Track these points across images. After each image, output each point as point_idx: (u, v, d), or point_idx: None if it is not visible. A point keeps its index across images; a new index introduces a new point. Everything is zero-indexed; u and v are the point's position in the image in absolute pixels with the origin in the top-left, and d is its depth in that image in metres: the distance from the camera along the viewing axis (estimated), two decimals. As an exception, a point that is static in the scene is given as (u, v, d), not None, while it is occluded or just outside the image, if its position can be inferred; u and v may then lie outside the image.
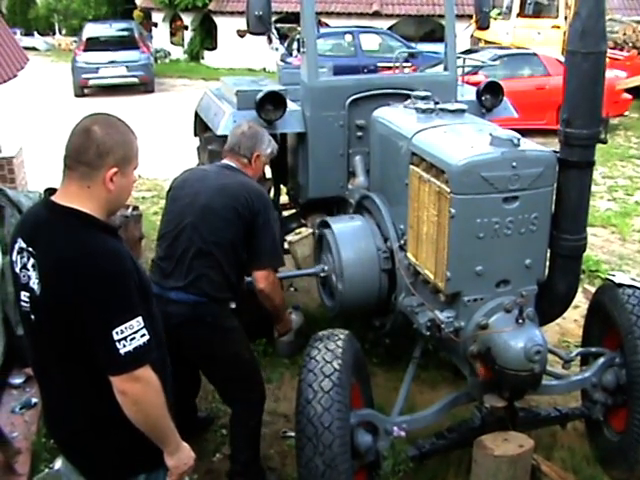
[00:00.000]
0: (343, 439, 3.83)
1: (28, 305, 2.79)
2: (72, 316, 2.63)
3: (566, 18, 19.37)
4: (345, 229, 5.40)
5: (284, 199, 7.24)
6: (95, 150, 2.69)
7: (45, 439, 4.85)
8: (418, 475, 4.61)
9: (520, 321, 4.09)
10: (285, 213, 7.03)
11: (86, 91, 21.87)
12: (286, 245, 6.49)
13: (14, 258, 2.82)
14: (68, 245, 2.67)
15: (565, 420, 4.89)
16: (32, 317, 2.79)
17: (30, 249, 2.74)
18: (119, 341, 2.60)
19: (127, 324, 2.62)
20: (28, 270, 2.74)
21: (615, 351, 4.75)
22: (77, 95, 21.57)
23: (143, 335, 2.66)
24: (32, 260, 2.73)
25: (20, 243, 2.79)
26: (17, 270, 2.80)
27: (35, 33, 35.86)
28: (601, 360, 4.78)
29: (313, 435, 3.81)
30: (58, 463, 4.54)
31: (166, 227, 4.42)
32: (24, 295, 2.79)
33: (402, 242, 4.99)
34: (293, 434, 4.24)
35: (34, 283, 2.72)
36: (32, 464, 4.65)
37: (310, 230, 6.31)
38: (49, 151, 13.04)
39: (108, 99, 20.47)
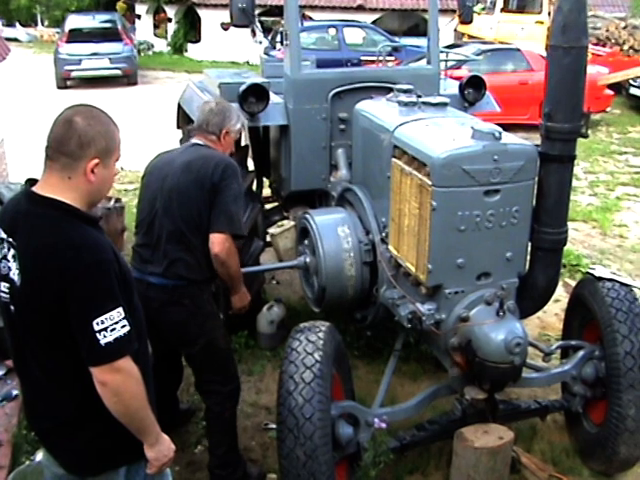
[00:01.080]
0: (324, 430, 3.83)
1: (8, 296, 2.77)
2: (53, 307, 2.62)
3: (550, 14, 19.44)
4: (327, 222, 5.40)
5: (267, 192, 7.24)
6: (77, 141, 2.68)
7: (26, 431, 4.83)
8: (399, 467, 4.65)
9: (501, 314, 4.11)
10: (267, 206, 7.03)
11: (69, 83, 21.73)
12: (268, 238, 6.49)
13: None
14: (49, 236, 2.66)
15: (545, 412, 4.92)
16: (12, 308, 2.78)
17: (10, 240, 2.72)
18: (99, 332, 2.60)
19: (108, 315, 2.62)
20: (8, 261, 2.73)
21: (595, 344, 4.79)
22: (59, 87, 21.42)
23: (124, 326, 2.66)
24: (12, 251, 2.71)
25: (0, 233, 2.77)
26: None
27: (17, 24, 35.58)
28: (581, 353, 4.81)
29: (294, 426, 3.82)
30: (39, 455, 4.55)
31: (141, 215, 4.40)
32: (4, 286, 2.78)
33: (384, 235, 5.00)
34: (274, 426, 4.25)
35: (14, 274, 2.70)
36: (13, 456, 4.64)
37: (292, 223, 6.31)
38: (31, 143, 12.97)
39: (91, 91, 20.36)
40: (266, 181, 7.11)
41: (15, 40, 31.30)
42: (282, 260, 6.25)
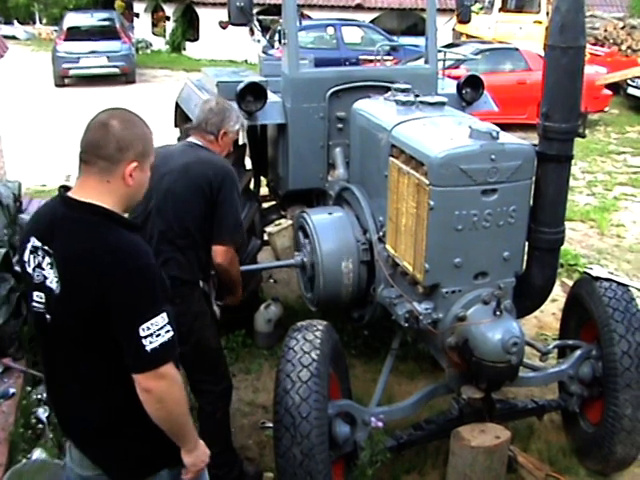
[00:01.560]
0: (321, 429, 3.84)
1: (43, 306, 2.73)
2: (95, 314, 2.57)
3: (548, 14, 19.45)
4: (324, 221, 5.41)
5: (264, 191, 7.24)
6: (115, 145, 2.65)
7: (23, 430, 4.83)
8: (395, 466, 4.65)
9: (498, 313, 4.11)
10: (265, 205, 7.03)
11: (67, 81, 21.70)
12: (266, 236, 6.49)
13: (26, 258, 2.75)
14: (88, 241, 2.61)
15: (542, 412, 4.93)
16: (47, 317, 2.72)
17: (46, 247, 2.67)
18: (145, 337, 2.55)
19: (153, 320, 2.57)
20: (43, 269, 2.68)
21: (592, 344, 4.79)
22: (57, 85, 21.40)
23: (168, 331, 2.61)
24: (48, 259, 2.66)
25: (33, 242, 2.72)
26: (29, 270, 2.73)
27: (15, 22, 35.53)
28: (578, 352, 4.81)
29: (291, 425, 3.82)
30: (36, 453, 4.55)
31: (134, 212, 4.37)
32: (37, 296, 2.73)
33: (381, 234, 5.00)
34: (271, 425, 4.25)
35: (52, 282, 2.66)
36: (10, 455, 4.62)
37: (290, 221, 6.31)
38: (29, 141, 12.99)
39: (89, 89, 20.34)
40: (264, 180, 7.11)
41: (13, 38, 31.22)
42: (279, 259, 6.25)
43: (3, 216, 6.18)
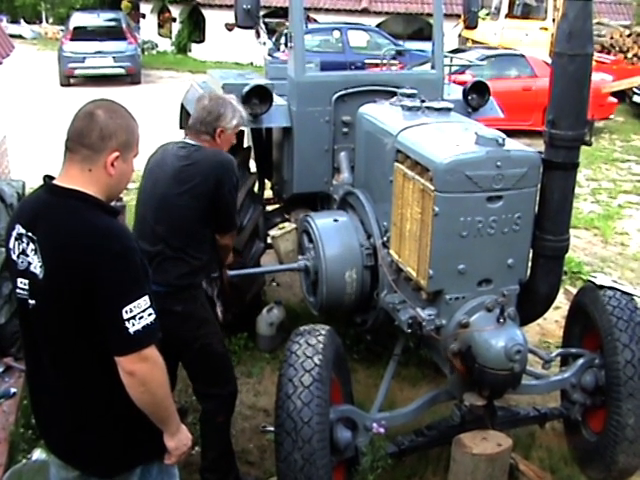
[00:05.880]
0: (322, 434, 3.83)
1: (26, 292, 2.75)
2: (78, 299, 2.60)
3: (554, 20, 19.45)
4: (328, 225, 5.40)
5: (268, 193, 7.23)
6: (98, 133, 2.69)
7: (23, 429, 4.83)
8: (396, 472, 4.63)
9: (501, 320, 4.10)
10: (269, 208, 7.01)
11: (72, 81, 21.76)
12: (269, 240, 6.47)
13: (11, 245, 2.78)
14: (74, 225, 2.65)
15: (544, 420, 4.91)
16: (31, 303, 2.74)
17: (30, 234, 2.71)
18: (128, 320, 2.59)
19: (135, 303, 2.61)
20: (27, 256, 2.71)
21: (595, 352, 4.78)
22: (63, 85, 21.47)
23: (150, 314, 2.65)
24: (32, 245, 2.70)
25: (18, 229, 2.75)
26: (14, 257, 2.76)
27: (22, 21, 35.63)
28: (581, 361, 4.80)
29: (292, 430, 3.81)
30: (36, 454, 4.54)
31: (135, 219, 4.35)
32: (21, 282, 2.76)
33: (385, 239, 4.99)
34: (273, 429, 4.23)
35: (35, 267, 2.68)
36: (10, 455, 4.62)
37: (293, 225, 6.29)
38: (33, 140, 13.01)
39: (94, 89, 20.32)
40: (268, 183, 7.10)
41: (19, 37, 31.30)
42: (282, 262, 6.23)
43: (7, 215, 6.18)
